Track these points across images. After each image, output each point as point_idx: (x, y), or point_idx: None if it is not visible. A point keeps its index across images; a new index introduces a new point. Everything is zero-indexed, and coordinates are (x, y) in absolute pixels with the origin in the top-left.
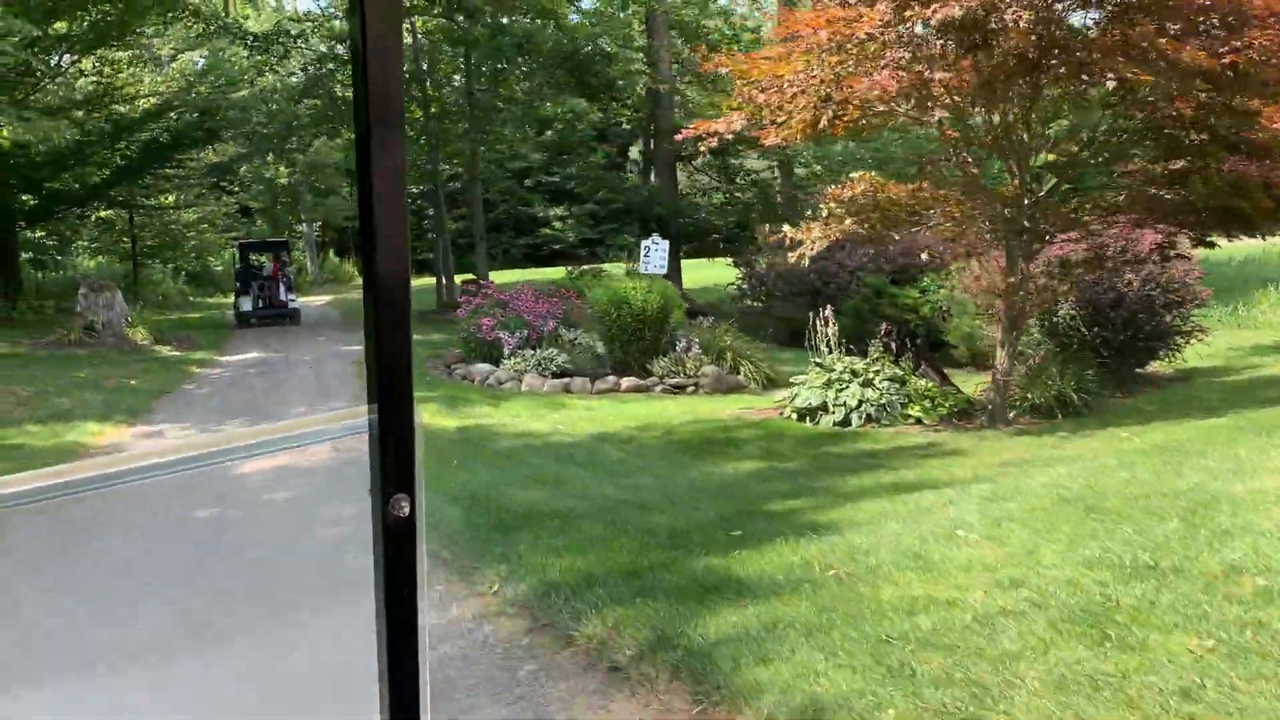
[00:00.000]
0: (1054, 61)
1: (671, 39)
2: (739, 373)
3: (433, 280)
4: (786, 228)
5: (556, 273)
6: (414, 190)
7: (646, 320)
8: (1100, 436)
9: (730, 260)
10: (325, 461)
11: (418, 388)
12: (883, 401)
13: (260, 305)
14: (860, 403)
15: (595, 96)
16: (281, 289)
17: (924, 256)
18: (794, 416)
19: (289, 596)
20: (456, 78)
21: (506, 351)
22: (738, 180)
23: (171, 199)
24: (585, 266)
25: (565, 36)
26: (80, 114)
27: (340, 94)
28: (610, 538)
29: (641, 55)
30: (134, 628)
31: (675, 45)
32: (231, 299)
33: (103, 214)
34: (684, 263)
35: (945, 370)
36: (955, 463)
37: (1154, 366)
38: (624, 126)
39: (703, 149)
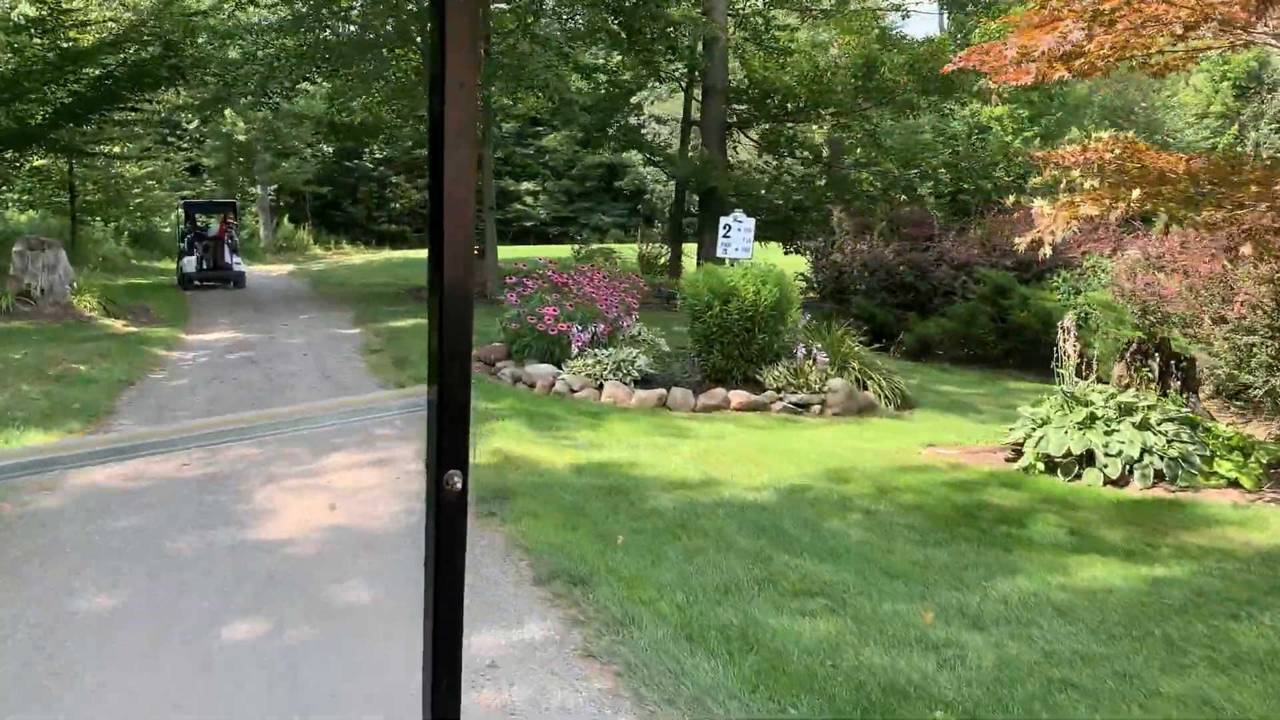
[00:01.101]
0: None
1: None
2: (866, 388)
3: (409, 254)
4: (1040, 202)
5: (552, 250)
6: (380, 154)
7: (758, 319)
8: None
9: (784, 246)
10: None
11: None
12: (1174, 454)
13: (204, 267)
14: (1143, 453)
15: (643, 46)
16: (226, 251)
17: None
18: (1039, 467)
19: None
20: None
21: (575, 349)
22: (797, 154)
23: (119, 149)
24: (595, 245)
25: None
26: (20, 40)
27: (328, 34)
28: None
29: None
30: None
31: None
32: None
33: (38, 162)
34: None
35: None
36: None
37: None
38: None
39: (992, 85)
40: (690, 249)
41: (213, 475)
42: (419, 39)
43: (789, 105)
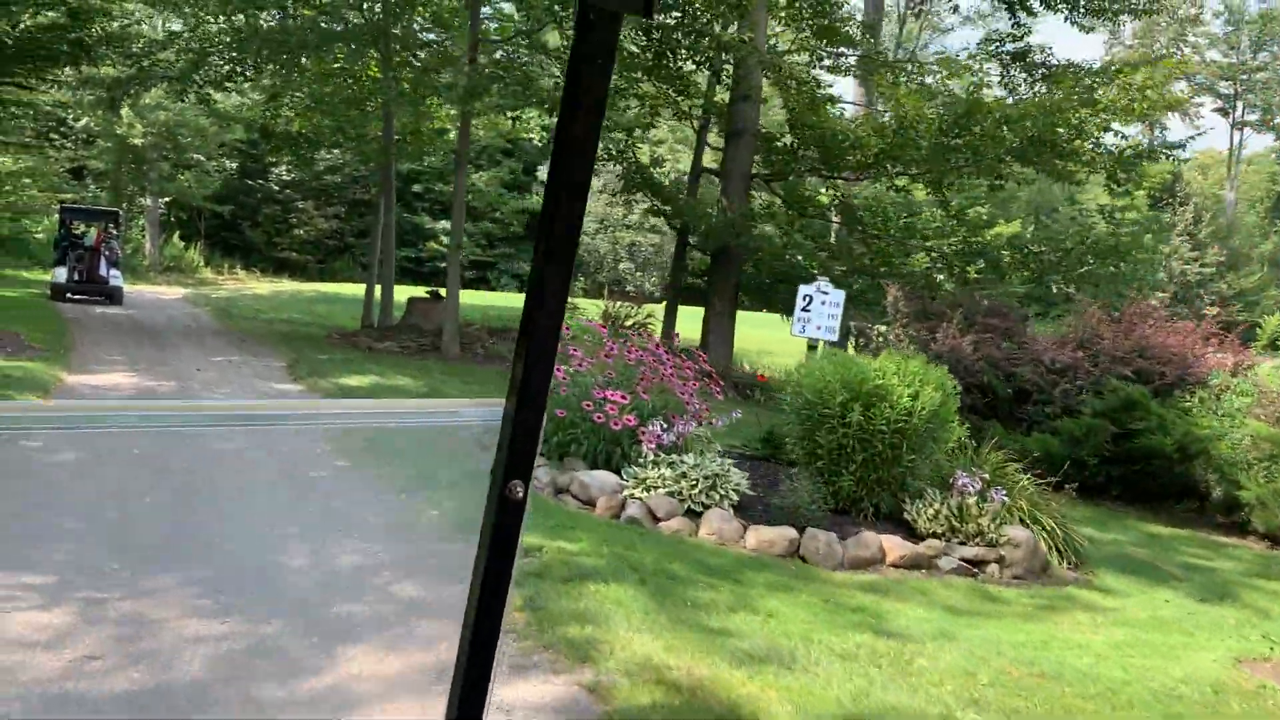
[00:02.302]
0: None
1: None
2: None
3: (356, 289)
4: None
5: (470, 296)
6: (288, 175)
7: (909, 433)
8: None
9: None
10: None
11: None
12: None
13: (77, 279)
14: None
15: (669, 73)
16: (103, 264)
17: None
18: None
19: None
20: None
21: (649, 454)
22: (810, 213)
23: None
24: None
25: None
26: None
27: (282, 18)
28: None
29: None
30: None
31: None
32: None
33: None
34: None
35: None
36: None
37: None
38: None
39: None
40: (691, 312)
41: (134, 693)
42: (386, 38)
43: (852, 157)
